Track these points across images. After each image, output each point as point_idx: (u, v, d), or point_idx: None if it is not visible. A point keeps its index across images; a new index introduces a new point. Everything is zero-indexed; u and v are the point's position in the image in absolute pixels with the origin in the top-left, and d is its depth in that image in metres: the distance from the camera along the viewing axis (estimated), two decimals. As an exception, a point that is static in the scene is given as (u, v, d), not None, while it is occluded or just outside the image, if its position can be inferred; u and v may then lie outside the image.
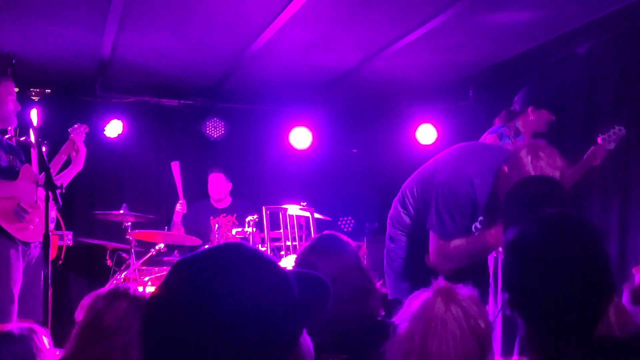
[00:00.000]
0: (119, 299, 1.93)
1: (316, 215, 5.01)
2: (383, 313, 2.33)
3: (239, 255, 1.03)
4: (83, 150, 4.25)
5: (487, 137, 4.27)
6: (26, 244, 3.82)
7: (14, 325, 2.13)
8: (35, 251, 3.90)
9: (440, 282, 1.69)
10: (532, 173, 2.63)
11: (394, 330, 1.66)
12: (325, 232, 2.43)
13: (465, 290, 1.65)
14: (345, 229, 6.53)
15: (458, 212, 2.88)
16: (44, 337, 2.06)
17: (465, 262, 2.95)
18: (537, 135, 4.34)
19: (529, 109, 4.25)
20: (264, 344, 0.97)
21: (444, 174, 2.98)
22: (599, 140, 4.09)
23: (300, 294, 1.04)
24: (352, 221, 6.60)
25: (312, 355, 1.14)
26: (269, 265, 1.04)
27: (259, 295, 0.98)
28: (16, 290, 3.71)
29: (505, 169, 2.77)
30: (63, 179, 4.06)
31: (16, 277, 3.72)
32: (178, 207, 5.78)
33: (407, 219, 3.20)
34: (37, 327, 2.13)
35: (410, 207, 3.19)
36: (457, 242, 2.91)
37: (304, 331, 1.11)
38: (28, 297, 3.82)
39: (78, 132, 4.35)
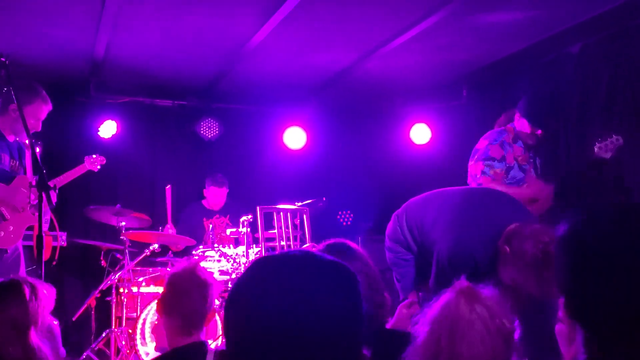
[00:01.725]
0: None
1: (307, 201, 5.06)
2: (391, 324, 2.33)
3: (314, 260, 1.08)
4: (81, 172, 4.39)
5: (491, 149, 4.19)
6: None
7: None
8: (11, 253, 3.90)
9: (462, 282, 1.66)
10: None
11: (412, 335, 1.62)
12: (336, 239, 2.42)
13: (487, 291, 1.63)
14: (345, 223, 6.54)
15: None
16: None
17: None
18: (527, 146, 4.32)
19: (516, 114, 4.28)
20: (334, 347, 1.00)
21: (445, 242, 2.93)
22: (595, 148, 4.07)
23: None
24: (351, 215, 6.61)
25: None
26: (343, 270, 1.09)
27: (331, 299, 1.02)
28: None
29: (507, 249, 2.71)
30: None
31: None
32: (170, 231, 5.65)
33: (405, 247, 3.24)
34: None
35: (409, 243, 3.20)
36: None
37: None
38: None
39: (93, 162, 4.46)
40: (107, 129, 5.95)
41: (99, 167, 4.73)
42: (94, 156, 4.65)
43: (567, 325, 1.22)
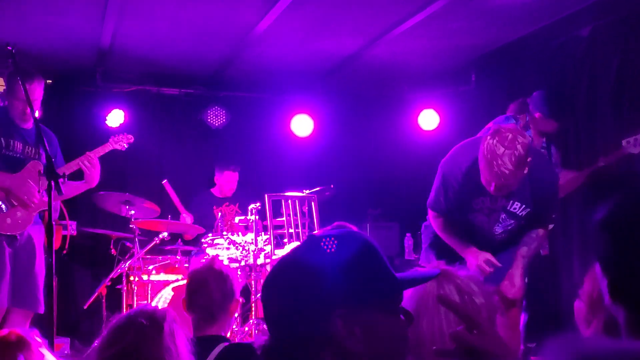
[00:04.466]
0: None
1: (315, 189, 5.08)
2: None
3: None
4: (97, 168, 4.13)
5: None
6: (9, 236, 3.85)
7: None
8: (22, 239, 3.90)
9: (441, 266, 1.67)
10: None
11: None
12: (336, 223, 2.45)
13: (464, 272, 1.64)
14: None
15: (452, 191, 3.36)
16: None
17: None
18: (545, 134, 4.39)
19: (537, 115, 4.33)
20: None
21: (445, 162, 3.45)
22: (623, 142, 4.11)
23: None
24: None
25: None
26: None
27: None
28: None
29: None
30: (71, 191, 4.06)
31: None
32: (187, 220, 5.71)
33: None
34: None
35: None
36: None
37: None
38: (23, 286, 3.83)
39: (118, 140, 4.35)
40: (115, 118, 5.96)
41: (126, 145, 4.44)
42: (121, 135, 4.38)
43: (587, 305, 1.17)
